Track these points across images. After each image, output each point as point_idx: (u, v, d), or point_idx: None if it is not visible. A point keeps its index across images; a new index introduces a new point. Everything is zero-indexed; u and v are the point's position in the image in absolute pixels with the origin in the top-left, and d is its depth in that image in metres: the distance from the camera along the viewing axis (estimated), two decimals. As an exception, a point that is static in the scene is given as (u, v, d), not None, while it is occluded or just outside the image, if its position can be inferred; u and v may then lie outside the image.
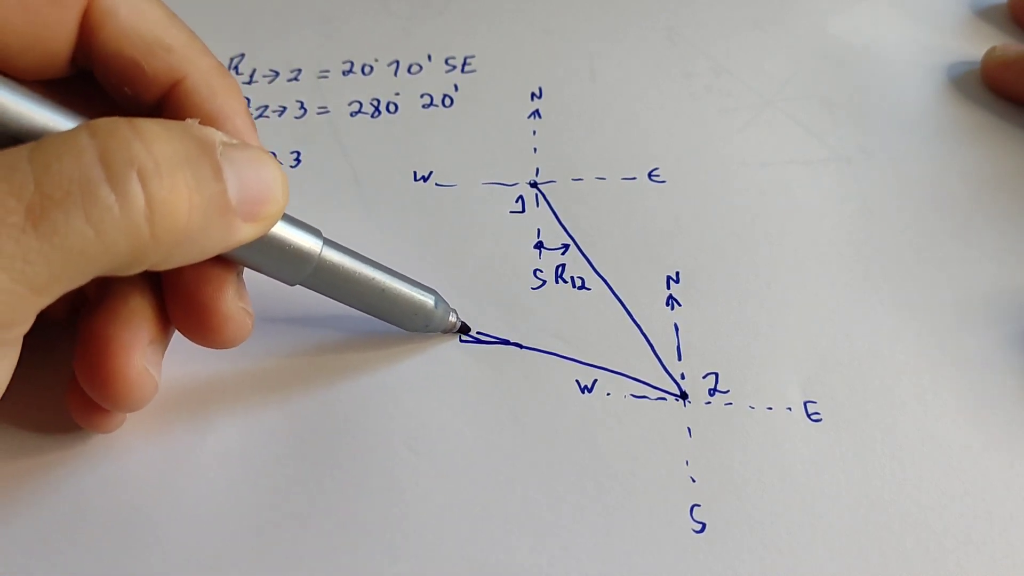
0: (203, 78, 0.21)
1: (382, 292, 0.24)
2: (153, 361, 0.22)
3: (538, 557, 0.22)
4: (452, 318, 0.26)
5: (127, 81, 0.20)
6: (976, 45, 0.34)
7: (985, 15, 0.35)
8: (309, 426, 0.25)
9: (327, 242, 0.22)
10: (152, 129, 0.16)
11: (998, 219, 0.28)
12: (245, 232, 0.19)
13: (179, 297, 0.22)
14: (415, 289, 0.24)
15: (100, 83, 0.21)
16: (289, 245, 0.21)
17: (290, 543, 0.22)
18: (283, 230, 0.21)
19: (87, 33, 0.20)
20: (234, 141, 0.19)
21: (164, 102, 0.21)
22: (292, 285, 0.22)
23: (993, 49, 0.32)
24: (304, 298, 0.24)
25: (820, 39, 0.34)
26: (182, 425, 0.25)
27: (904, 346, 0.26)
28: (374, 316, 0.25)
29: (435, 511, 0.23)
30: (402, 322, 0.25)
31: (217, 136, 0.18)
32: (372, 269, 0.24)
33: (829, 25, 0.35)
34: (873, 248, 0.28)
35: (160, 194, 0.16)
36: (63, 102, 0.17)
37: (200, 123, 0.18)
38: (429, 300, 0.25)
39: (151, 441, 0.24)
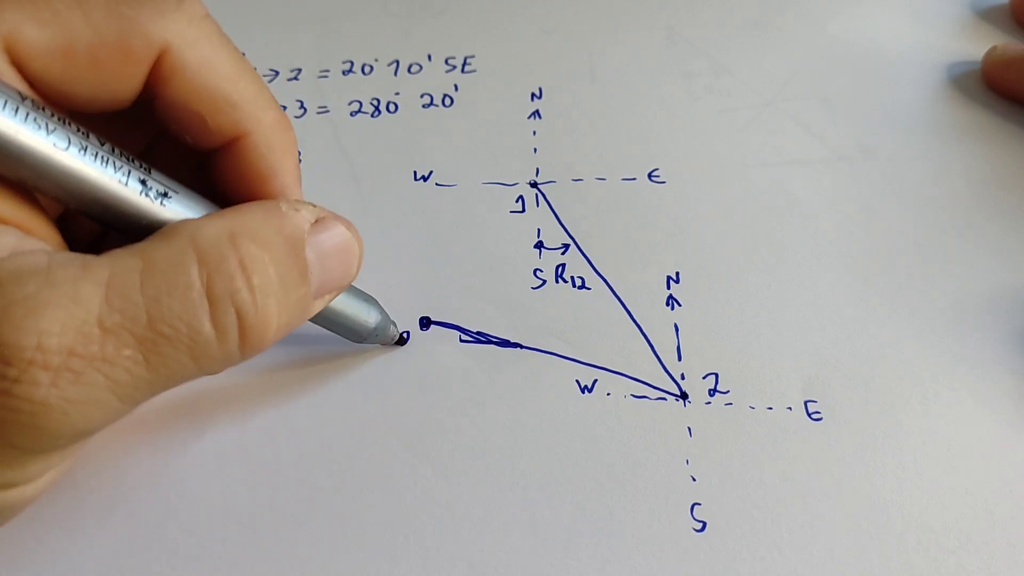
0: (264, 136, 0.21)
1: (324, 315, 0.23)
2: None
3: (538, 557, 0.22)
4: (392, 331, 0.25)
5: (189, 131, 0.20)
6: (976, 45, 0.34)
7: (985, 15, 0.35)
8: (307, 426, 0.25)
9: None
10: (255, 255, 0.17)
11: (998, 219, 0.28)
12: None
13: None
14: (360, 304, 0.24)
15: (159, 120, 0.21)
16: None
17: (289, 544, 0.22)
18: None
19: (154, 84, 0.19)
20: (321, 214, 0.19)
21: (222, 150, 0.21)
22: None
23: (993, 49, 0.32)
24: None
25: (820, 39, 0.34)
26: (179, 426, 0.25)
27: (904, 345, 0.26)
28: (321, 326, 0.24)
29: (435, 511, 0.23)
30: (347, 336, 0.24)
31: (305, 224, 0.19)
32: None
33: (829, 25, 0.35)
34: (873, 248, 0.28)
35: (253, 323, 0.17)
36: (119, 133, 0.18)
37: (288, 201, 0.19)
38: (371, 319, 0.24)
39: (148, 442, 0.24)
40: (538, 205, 0.29)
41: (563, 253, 0.28)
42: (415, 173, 0.31)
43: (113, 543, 0.23)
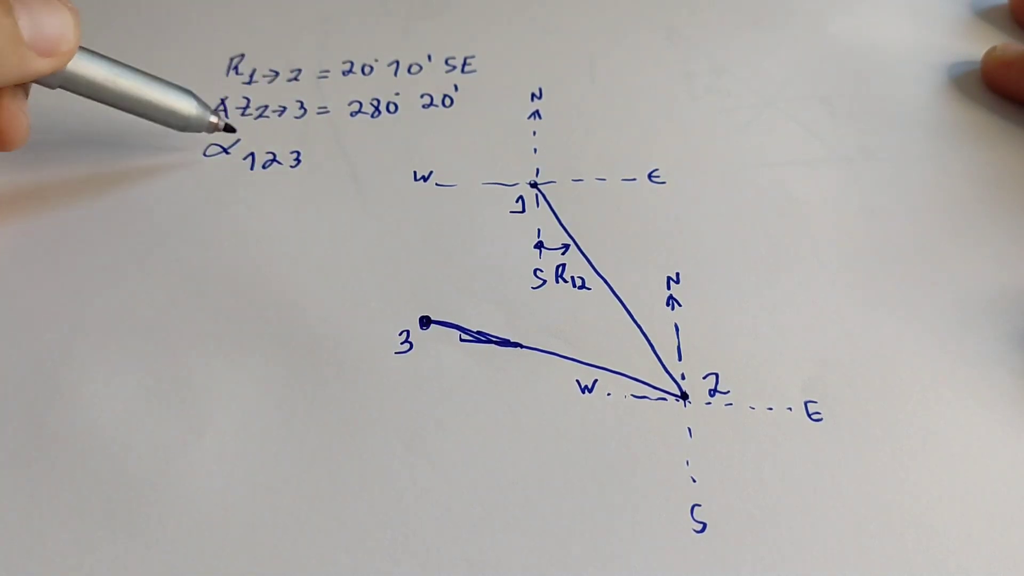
0: None
1: (138, 100, 0.27)
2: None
3: (538, 557, 0.22)
4: (213, 119, 0.29)
5: None
6: (976, 45, 0.34)
7: (985, 15, 0.35)
8: (307, 426, 0.25)
9: (83, 51, 0.26)
10: None
11: (998, 219, 0.28)
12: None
13: None
14: (172, 94, 0.28)
15: None
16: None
17: (289, 544, 0.22)
18: None
19: None
20: None
21: None
22: (53, 88, 0.26)
23: (993, 49, 0.32)
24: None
25: (820, 39, 0.34)
26: (179, 426, 0.25)
27: (904, 346, 0.26)
28: (142, 116, 0.28)
29: (435, 511, 0.23)
30: (165, 123, 0.28)
31: None
32: (131, 77, 0.27)
33: (829, 25, 0.35)
34: (873, 248, 0.28)
35: None
36: None
37: None
38: (186, 104, 0.28)
39: (148, 440, 0.24)
40: (538, 205, 0.29)
41: (563, 253, 0.28)
42: (415, 173, 0.31)
43: (114, 543, 0.23)
